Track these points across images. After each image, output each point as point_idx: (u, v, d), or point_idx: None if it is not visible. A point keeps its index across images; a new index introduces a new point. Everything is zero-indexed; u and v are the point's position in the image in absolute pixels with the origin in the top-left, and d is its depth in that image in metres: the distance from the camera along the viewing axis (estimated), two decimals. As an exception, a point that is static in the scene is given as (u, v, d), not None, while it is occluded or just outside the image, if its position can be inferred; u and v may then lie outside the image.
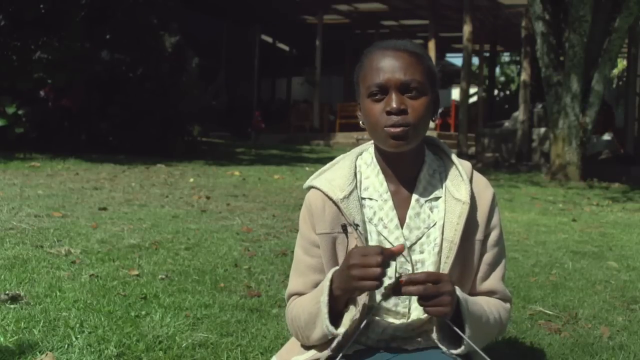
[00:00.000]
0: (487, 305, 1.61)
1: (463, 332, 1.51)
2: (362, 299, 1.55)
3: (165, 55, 12.78)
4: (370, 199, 1.65)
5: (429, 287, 1.42)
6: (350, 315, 1.54)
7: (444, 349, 1.56)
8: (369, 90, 1.57)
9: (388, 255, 1.43)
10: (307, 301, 1.61)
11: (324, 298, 1.53)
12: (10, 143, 10.80)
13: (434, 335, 1.57)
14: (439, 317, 1.50)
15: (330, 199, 1.62)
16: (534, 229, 6.33)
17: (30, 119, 11.06)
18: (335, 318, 1.54)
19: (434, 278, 1.44)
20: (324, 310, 1.52)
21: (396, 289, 1.44)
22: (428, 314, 1.48)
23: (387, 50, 1.58)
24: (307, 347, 1.64)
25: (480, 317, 1.56)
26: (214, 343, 2.57)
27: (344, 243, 1.61)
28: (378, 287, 1.43)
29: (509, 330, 2.92)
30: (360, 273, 1.42)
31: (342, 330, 1.53)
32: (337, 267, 1.56)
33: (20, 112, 10.95)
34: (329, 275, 1.55)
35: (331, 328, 1.52)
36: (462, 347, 1.53)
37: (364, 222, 1.62)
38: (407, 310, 1.62)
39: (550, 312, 3.31)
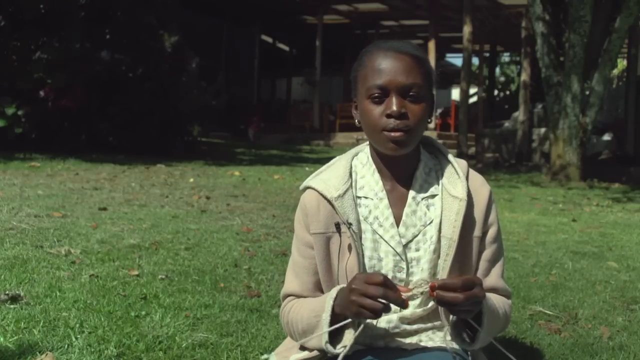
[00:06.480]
0: (496, 301, 1.62)
1: (479, 327, 1.51)
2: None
3: (165, 55, 12.76)
4: (366, 197, 1.64)
5: (468, 295, 1.39)
6: (351, 335, 1.51)
7: (453, 345, 1.56)
8: (369, 92, 1.56)
9: (391, 287, 1.39)
10: (306, 311, 1.59)
11: (326, 316, 1.51)
12: (10, 143, 10.79)
13: (448, 331, 1.56)
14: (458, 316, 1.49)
15: (325, 197, 1.61)
16: (534, 229, 6.33)
17: (30, 119, 11.05)
18: (335, 324, 1.53)
19: (468, 283, 1.40)
20: (325, 328, 1.51)
21: (425, 294, 1.41)
22: (455, 315, 1.48)
23: (389, 52, 1.56)
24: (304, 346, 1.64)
25: (494, 312, 1.56)
26: (214, 343, 2.57)
27: (338, 242, 1.60)
28: (377, 317, 1.41)
29: (508, 330, 2.91)
30: (360, 301, 1.40)
31: (340, 349, 1.51)
32: (342, 286, 1.54)
33: (20, 112, 10.94)
34: (333, 292, 1.53)
35: (330, 348, 1.51)
36: (476, 343, 1.53)
37: (358, 221, 1.61)
38: None
39: (550, 312, 3.31)
